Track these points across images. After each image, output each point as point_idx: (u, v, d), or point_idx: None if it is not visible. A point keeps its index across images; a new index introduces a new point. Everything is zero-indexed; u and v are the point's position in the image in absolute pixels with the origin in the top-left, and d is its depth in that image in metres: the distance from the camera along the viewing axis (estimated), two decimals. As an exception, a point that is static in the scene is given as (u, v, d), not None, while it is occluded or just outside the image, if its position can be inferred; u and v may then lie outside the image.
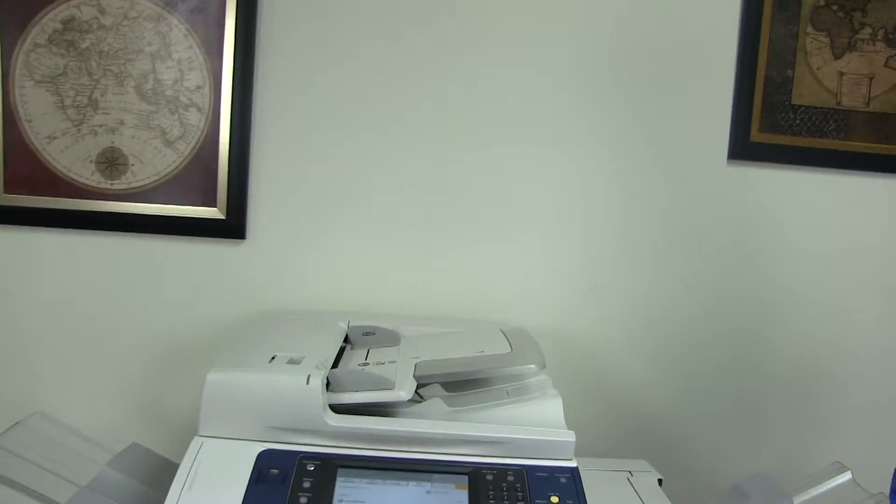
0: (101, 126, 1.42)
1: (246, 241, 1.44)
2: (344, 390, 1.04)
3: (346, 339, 1.30)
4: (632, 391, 1.51)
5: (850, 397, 1.52)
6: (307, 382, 1.00)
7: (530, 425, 1.03)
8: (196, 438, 1.01)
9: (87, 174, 1.42)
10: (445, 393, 1.10)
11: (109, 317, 1.45)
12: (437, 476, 0.98)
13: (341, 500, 0.95)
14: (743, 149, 1.45)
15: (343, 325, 1.31)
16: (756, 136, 1.44)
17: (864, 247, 1.50)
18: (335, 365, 1.16)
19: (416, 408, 1.06)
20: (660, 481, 1.24)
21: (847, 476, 1.13)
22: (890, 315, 1.51)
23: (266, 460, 0.98)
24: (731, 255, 1.49)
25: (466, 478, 0.98)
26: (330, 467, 0.98)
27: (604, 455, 1.33)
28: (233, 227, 1.43)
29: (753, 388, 1.52)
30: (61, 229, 1.43)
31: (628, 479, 1.24)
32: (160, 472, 1.15)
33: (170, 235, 1.43)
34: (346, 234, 1.45)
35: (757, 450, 1.53)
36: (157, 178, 1.43)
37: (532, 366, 1.10)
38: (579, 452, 1.03)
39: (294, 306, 1.44)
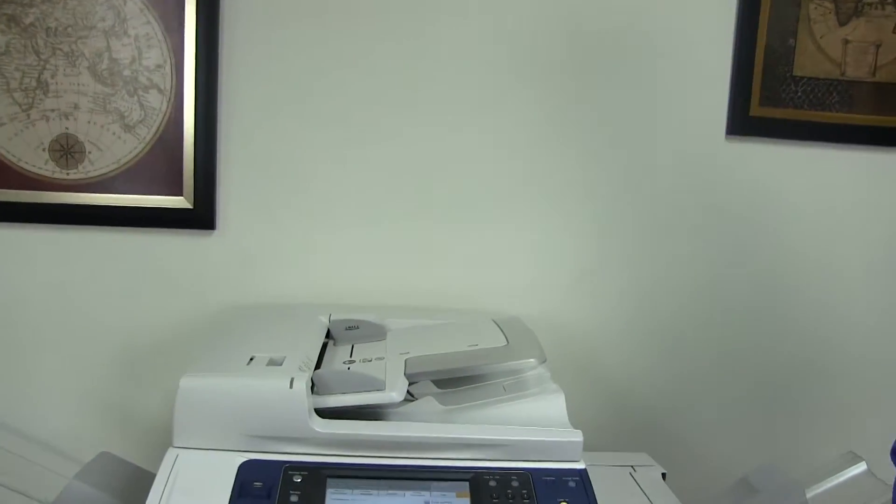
0: (52, 111, 1.32)
1: (216, 232, 1.36)
2: (330, 393, 0.97)
3: (328, 335, 1.23)
4: (629, 380, 1.46)
5: (860, 383, 1.48)
6: (290, 386, 0.92)
7: (531, 423, 0.97)
8: (171, 450, 0.93)
9: (40, 163, 1.33)
10: (437, 390, 1.04)
11: (72, 317, 1.36)
12: (435, 484, 0.92)
13: (333, 513, 0.89)
14: (742, 124, 1.39)
15: (324, 320, 1.23)
16: (756, 109, 1.38)
17: (870, 224, 1.45)
18: (318, 364, 1.09)
19: (408, 407, 1.00)
20: (663, 475, 1.20)
21: (862, 467, 1.08)
22: (900, 295, 1.47)
23: (249, 472, 0.91)
24: (730, 235, 1.43)
25: (467, 484, 0.92)
26: (319, 477, 0.91)
27: (602, 448, 1.26)
28: (201, 216, 1.35)
29: (758, 375, 1.47)
30: (13, 224, 1.34)
31: (631, 475, 1.20)
32: (134, 483, 1.08)
33: (133, 228, 1.35)
34: (325, 221, 1.38)
35: (763, 440, 1.48)
36: (116, 166, 1.34)
37: (532, 360, 1.03)
38: (577, 446, 0.97)
39: (271, 300, 1.37)
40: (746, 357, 1.46)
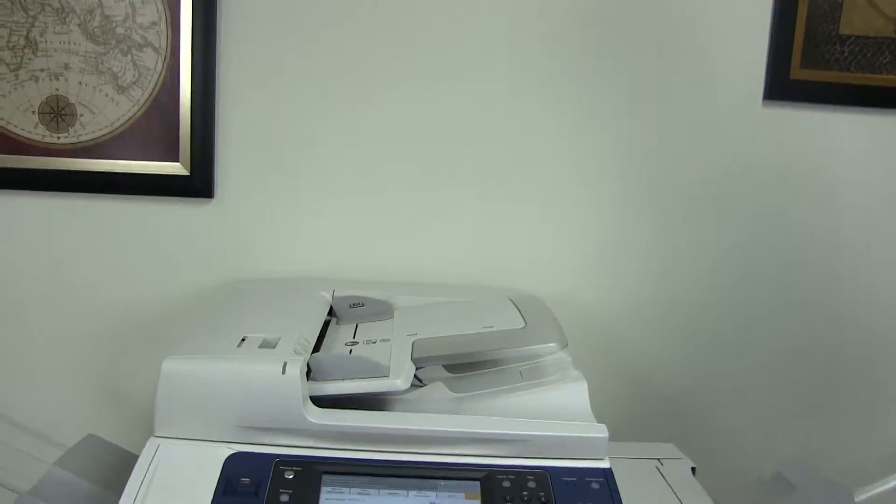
0: (42, 71, 1.25)
1: (214, 201, 1.31)
2: (328, 379, 0.89)
3: (331, 312, 1.16)
4: (655, 365, 1.38)
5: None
6: (283, 372, 0.84)
7: (551, 414, 0.89)
8: (152, 440, 0.86)
9: (29, 126, 1.27)
10: (448, 375, 0.97)
11: (62, 289, 1.31)
12: (443, 483, 0.84)
13: (327, 514, 0.81)
14: (781, 87, 1.29)
15: (327, 296, 1.17)
16: (796, 72, 1.28)
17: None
18: (318, 345, 1.01)
19: (415, 393, 0.92)
20: (693, 470, 1.12)
21: (918, 471, 0.99)
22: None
23: (236, 466, 0.84)
24: (767, 209, 1.34)
25: (478, 484, 0.84)
26: (313, 473, 0.83)
27: (625, 438, 1.19)
28: (199, 184, 1.29)
29: (795, 361, 1.38)
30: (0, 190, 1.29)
31: (658, 469, 1.12)
32: (120, 468, 1.01)
33: (127, 195, 1.29)
34: (330, 190, 1.31)
35: (800, 432, 1.40)
36: (109, 129, 1.27)
37: (552, 344, 0.95)
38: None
39: (270, 274, 1.31)
40: (783, 341, 1.38)
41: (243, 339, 0.93)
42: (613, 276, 1.35)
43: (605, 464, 0.86)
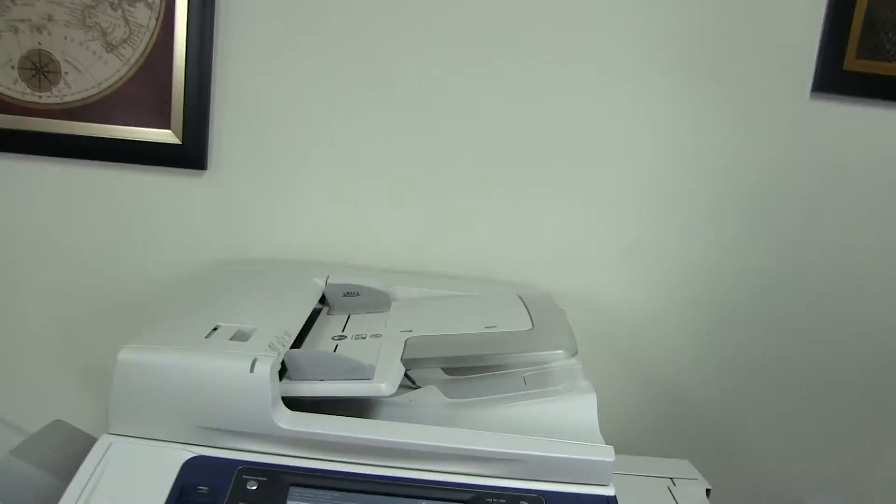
0: (23, 22, 1.17)
1: (207, 173, 1.23)
2: (304, 379, 0.80)
3: (323, 300, 1.08)
4: (674, 374, 1.30)
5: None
6: (251, 370, 0.76)
7: (554, 427, 0.81)
8: (104, 437, 0.78)
9: (8, 83, 1.19)
10: (445, 377, 0.90)
11: (40, 262, 1.25)
12: (424, 503, 0.75)
13: (293, 532, 0.73)
14: (833, 79, 1.20)
15: (320, 282, 1.08)
16: (851, 62, 1.19)
17: None
18: (302, 337, 0.93)
19: (404, 397, 0.85)
20: (707, 492, 1.05)
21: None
22: None
23: (194, 472, 0.75)
24: (811, 213, 1.25)
25: (465, 507, 0.75)
26: (278, 484, 0.75)
27: (637, 452, 1.14)
28: (191, 154, 1.22)
29: (834, 377, 1.30)
30: (-27, 151, 1.22)
31: (669, 489, 1.04)
32: (84, 457, 0.93)
33: (112, 163, 1.22)
34: (333, 166, 1.23)
35: (831, 457, 1.31)
36: (96, 90, 1.20)
37: (559, 351, 0.87)
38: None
39: (263, 254, 1.24)
40: (822, 355, 1.29)
41: (215, 329, 0.84)
42: (637, 275, 1.27)
43: (609, 490, 0.77)
